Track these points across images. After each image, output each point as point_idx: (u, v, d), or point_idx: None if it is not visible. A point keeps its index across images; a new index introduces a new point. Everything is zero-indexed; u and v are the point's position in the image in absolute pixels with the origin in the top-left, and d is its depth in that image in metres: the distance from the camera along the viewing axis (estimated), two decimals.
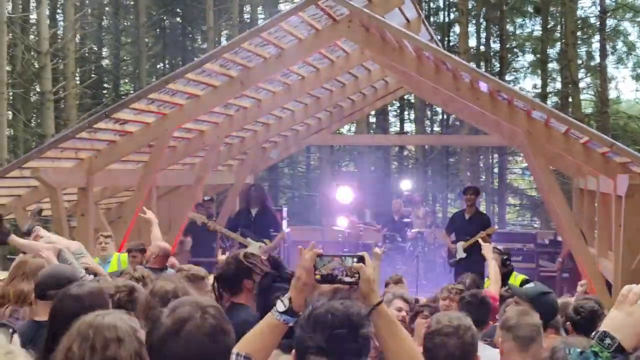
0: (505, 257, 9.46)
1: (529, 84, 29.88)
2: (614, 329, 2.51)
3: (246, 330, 2.89)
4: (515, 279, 9.20)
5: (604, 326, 2.54)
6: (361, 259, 2.78)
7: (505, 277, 9.25)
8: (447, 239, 12.80)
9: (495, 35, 28.43)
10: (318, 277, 2.78)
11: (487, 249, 7.85)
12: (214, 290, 4.82)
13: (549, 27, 27.67)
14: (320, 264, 2.79)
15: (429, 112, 28.91)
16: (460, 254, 12.00)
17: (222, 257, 7.55)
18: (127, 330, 2.68)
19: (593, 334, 2.56)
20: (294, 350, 2.58)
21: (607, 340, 2.49)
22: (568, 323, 5.67)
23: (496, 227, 12.19)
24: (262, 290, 3.75)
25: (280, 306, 2.80)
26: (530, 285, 5.78)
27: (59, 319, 3.53)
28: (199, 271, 5.82)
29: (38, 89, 23.16)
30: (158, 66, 31.52)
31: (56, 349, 2.72)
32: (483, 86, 9.89)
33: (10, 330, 3.45)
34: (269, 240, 12.46)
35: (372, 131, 28.13)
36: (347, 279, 2.77)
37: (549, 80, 28.16)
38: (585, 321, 5.49)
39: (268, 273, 3.68)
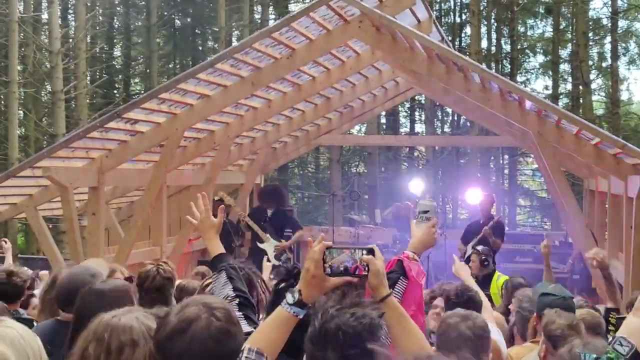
0: (483, 257, 9.47)
1: (540, 85, 29.84)
2: (631, 335, 2.50)
3: None
4: (497, 281, 9.18)
5: (620, 332, 2.53)
6: (371, 252, 2.77)
7: (486, 278, 9.26)
8: (462, 247, 12.84)
9: (506, 36, 28.38)
10: (327, 269, 2.77)
11: (459, 267, 6.77)
12: None
13: (560, 28, 27.61)
14: (330, 257, 2.78)
15: (439, 113, 28.89)
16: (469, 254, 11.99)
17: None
18: (142, 332, 2.69)
19: (610, 339, 2.56)
20: None
21: (623, 347, 2.48)
22: None
23: (495, 219, 12.28)
24: (277, 297, 3.74)
25: (289, 298, 2.79)
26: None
27: (81, 316, 3.49)
28: None
29: (49, 89, 23.26)
30: (169, 66, 31.58)
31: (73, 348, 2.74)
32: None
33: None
34: (285, 240, 12.77)
35: (382, 132, 28.13)
36: (357, 271, 2.77)
37: (560, 81, 28.09)
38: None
39: (284, 280, 3.66)
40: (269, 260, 11.48)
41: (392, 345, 2.76)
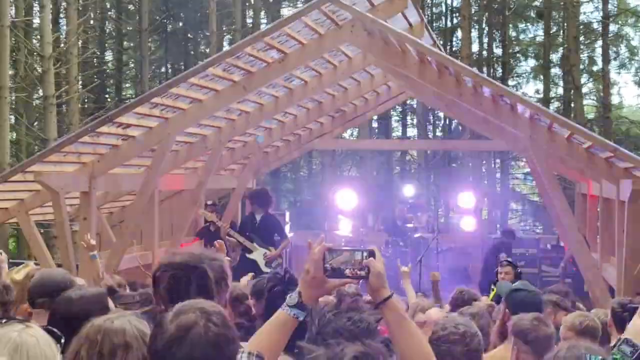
0: (518, 269, 9.38)
1: (531, 89, 29.88)
2: (636, 337, 2.50)
3: None
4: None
5: (626, 334, 2.53)
6: (371, 254, 2.76)
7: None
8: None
9: (497, 40, 28.44)
10: (327, 271, 2.76)
11: None
12: None
13: (551, 32, 27.67)
14: (330, 258, 2.76)
15: (431, 117, 28.91)
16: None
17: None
18: (135, 335, 2.67)
19: (615, 341, 2.56)
20: None
21: (629, 348, 2.48)
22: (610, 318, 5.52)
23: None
24: (271, 300, 3.71)
25: (290, 300, 2.77)
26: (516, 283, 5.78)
27: (57, 322, 3.47)
28: None
29: (41, 93, 23.16)
30: (161, 71, 31.55)
31: (66, 351, 2.72)
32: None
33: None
34: (274, 247, 12.48)
35: (374, 136, 28.15)
36: (357, 273, 2.75)
37: (551, 85, 28.15)
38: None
39: (280, 283, 3.62)
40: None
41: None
